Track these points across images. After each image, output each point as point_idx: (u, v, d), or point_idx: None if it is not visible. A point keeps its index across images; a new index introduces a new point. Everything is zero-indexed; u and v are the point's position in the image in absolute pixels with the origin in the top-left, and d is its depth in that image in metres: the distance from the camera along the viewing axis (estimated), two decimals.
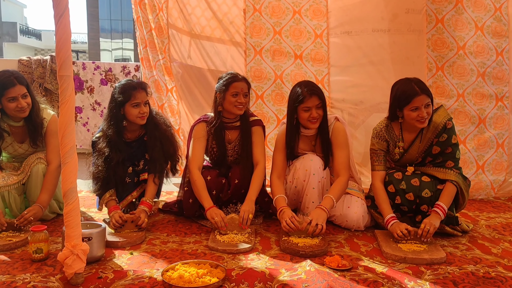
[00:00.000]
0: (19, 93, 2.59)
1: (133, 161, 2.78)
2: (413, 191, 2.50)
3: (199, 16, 3.88)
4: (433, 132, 2.53)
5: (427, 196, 2.48)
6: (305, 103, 2.57)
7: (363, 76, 3.67)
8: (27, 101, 2.62)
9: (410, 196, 2.51)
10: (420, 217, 2.53)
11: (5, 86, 2.56)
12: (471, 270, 2.07)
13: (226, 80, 2.71)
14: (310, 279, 1.92)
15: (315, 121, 2.61)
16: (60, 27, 1.77)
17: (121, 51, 30.17)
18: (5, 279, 1.90)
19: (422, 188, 2.49)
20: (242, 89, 2.70)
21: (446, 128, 2.50)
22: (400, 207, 2.57)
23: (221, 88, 2.73)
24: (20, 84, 2.59)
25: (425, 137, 2.55)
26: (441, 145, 2.52)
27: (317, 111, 2.60)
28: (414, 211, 2.57)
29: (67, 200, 1.83)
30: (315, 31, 3.76)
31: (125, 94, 2.60)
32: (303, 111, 2.60)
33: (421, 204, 2.51)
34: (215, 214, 2.51)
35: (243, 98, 2.70)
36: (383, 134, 2.63)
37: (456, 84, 3.55)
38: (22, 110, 2.62)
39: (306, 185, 2.64)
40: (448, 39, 3.52)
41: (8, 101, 2.58)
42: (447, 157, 2.53)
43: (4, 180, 2.62)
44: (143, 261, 2.14)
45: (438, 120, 2.52)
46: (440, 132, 2.51)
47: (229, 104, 2.71)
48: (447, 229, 2.51)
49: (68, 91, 1.80)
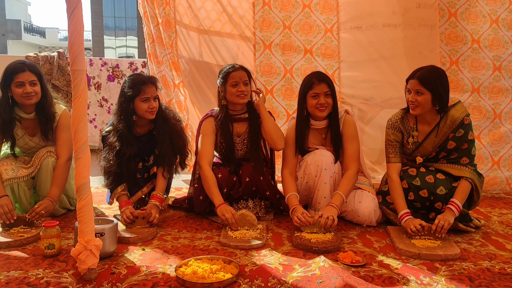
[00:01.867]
0: (27, 79, 2.58)
1: (143, 156, 2.76)
2: (428, 188, 2.47)
3: (209, 10, 3.86)
4: (450, 127, 2.49)
5: (442, 194, 2.45)
6: (313, 89, 2.57)
7: (374, 71, 3.65)
8: (34, 88, 2.61)
9: (424, 193, 2.49)
10: (433, 214, 2.50)
11: (14, 71, 2.57)
12: (486, 266, 2.05)
13: (224, 73, 2.71)
14: (324, 275, 1.91)
15: (323, 109, 2.60)
16: (73, 21, 1.75)
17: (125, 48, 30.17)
18: (18, 274, 1.89)
19: (437, 185, 2.46)
20: (240, 78, 2.67)
21: (464, 124, 2.46)
22: (413, 203, 2.54)
23: (221, 81, 2.73)
24: (30, 71, 2.59)
25: (441, 131, 2.51)
26: (457, 140, 2.49)
27: (326, 99, 2.58)
28: (428, 208, 2.54)
29: (80, 195, 1.82)
30: (325, 25, 3.73)
31: (135, 88, 2.58)
32: (311, 97, 2.59)
33: (435, 201, 2.48)
34: (225, 211, 2.50)
35: (243, 87, 2.68)
36: (398, 125, 2.60)
37: (472, 78, 3.52)
38: (28, 97, 2.60)
39: (317, 180, 2.62)
40: (461, 32, 3.49)
41: (16, 86, 2.58)
42: (462, 153, 2.50)
43: (13, 172, 2.62)
44: (155, 256, 2.13)
45: (456, 115, 2.48)
46: (457, 127, 2.47)
47: (231, 95, 2.69)
48: (461, 226, 2.49)
49: (81, 86, 1.78)
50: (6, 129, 2.65)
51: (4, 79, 2.60)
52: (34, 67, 2.64)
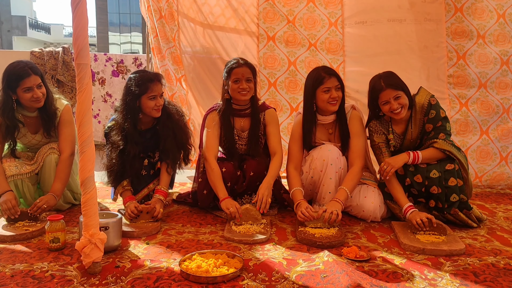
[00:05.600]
0: (34, 83, 2.58)
1: (148, 152, 2.76)
2: (421, 173, 2.50)
3: (213, 5, 3.85)
4: (421, 112, 2.59)
5: (435, 177, 2.46)
6: (325, 84, 2.57)
7: (380, 66, 3.57)
8: (42, 91, 2.62)
9: (418, 178, 2.51)
10: (433, 202, 2.51)
11: (20, 76, 2.55)
12: (491, 261, 2.04)
13: (228, 67, 2.70)
14: (328, 270, 1.90)
15: (335, 103, 2.60)
16: (77, 16, 1.75)
17: (130, 44, 30.23)
18: (23, 267, 1.90)
19: (429, 169, 2.49)
20: (243, 75, 2.66)
21: (432, 105, 2.57)
22: (410, 189, 2.57)
23: (224, 76, 2.73)
24: (35, 74, 2.58)
25: (415, 120, 2.61)
26: (432, 121, 2.58)
27: (337, 92, 2.58)
28: (425, 195, 2.54)
29: (84, 189, 1.82)
30: (330, 19, 3.71)
31: (141, 86, 2.56)
32: (322, 92, 2.59)
33: (430, 185, 2.49)
34: (230, 204, 2.50)
35: (245, 84, 2.66)
36: (377, 128, 2.69)
37: (479, 73, 3.50)
38: (38, 100, 2.61)
39: (323, 175, 2.61)
40: (468, 27, 3.48)
41: (24, 91, 2.57)
42: (438, 130, 2.56)
43: (17, 168, 2.63)
44: (159, 251, 2.13)
45: (421, 101, 2.59)
46: (427, 110, 2.58)
47: (233, 91, 2.69)
48: (461, 215, 2.48)
49: (85, 80, 1.78)
50: (9, 132, 2.66)
51: (8, 84, 2.57)
52: (36, 69, 2.63)
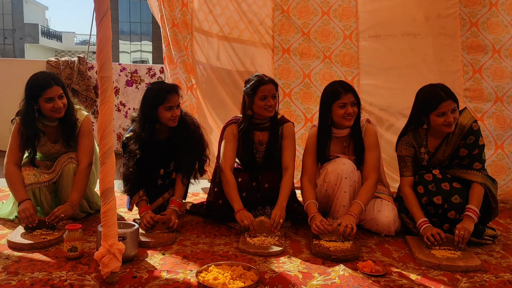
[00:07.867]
0: (56, 93, 2.63)
1: (164, 162, 2.79)
2: (442, 195, 2.46)
3: (228, 17, 3.88)
4: (459, 135, 2.51)
5: (457, 202, 2.44)
6: (341, 99, 2.58)
7: (394, 79, 3.64)
8: (63, 101, 2.67)
9: (438, 200, 2.47)
10: (447, 226, 2.48)
11: (42, 87, 2.60)
12: (507, 278, 2.03)
13: (253, 84, 2.71)
14: (344, 284, 1.90)
15: (350, 118, 2.61)
16: (102, 29, 1.80)
17: (140, 53, 30.48)
18: (42, 276, 1.93)
19: (452, 193, 2.45)
20: (269, 91, 2.69)
21: (473, 130, 2.49)
22: (427, 207, 2.54)
23: (248, 93, 2.73)
24: (57, 85, 2.63)
25: (451, 140, 2.54)
26: (468, 147, 2.51)
27: (353, 108, 2.59)
28: (440, 216, 2.52)
29: (104, 199, 1.85)
30: (344, 31, 3.73)
31: (159, 97, 2.61)
32: (338, 107, 2.60)
33: (449, 210, 2.46)
34: (244, 217, 2.51)
35: (272, 100, 2.70)
36: (410, 140, 2.63)
37: (496, 87, 3.51)
38: (59, 111, 2.66)
39: (337, 189, 2.62)
40: (483, 41, 3.49)
41: (45, 101, 2.62)
42: (474, 158, 2.51)
43: (35, 177, 2.67)
44: (175, 261, 2.15)
45: (464, 122, 2.51)
46: (466, 134, 2.50)
47: (259, 108, 2.71)
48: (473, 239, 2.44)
49: (108, 92, 1.82)
50: (30, 141, 2.69)
51: (31, 94, 2.63)
52: (58, 80, 2.68)
